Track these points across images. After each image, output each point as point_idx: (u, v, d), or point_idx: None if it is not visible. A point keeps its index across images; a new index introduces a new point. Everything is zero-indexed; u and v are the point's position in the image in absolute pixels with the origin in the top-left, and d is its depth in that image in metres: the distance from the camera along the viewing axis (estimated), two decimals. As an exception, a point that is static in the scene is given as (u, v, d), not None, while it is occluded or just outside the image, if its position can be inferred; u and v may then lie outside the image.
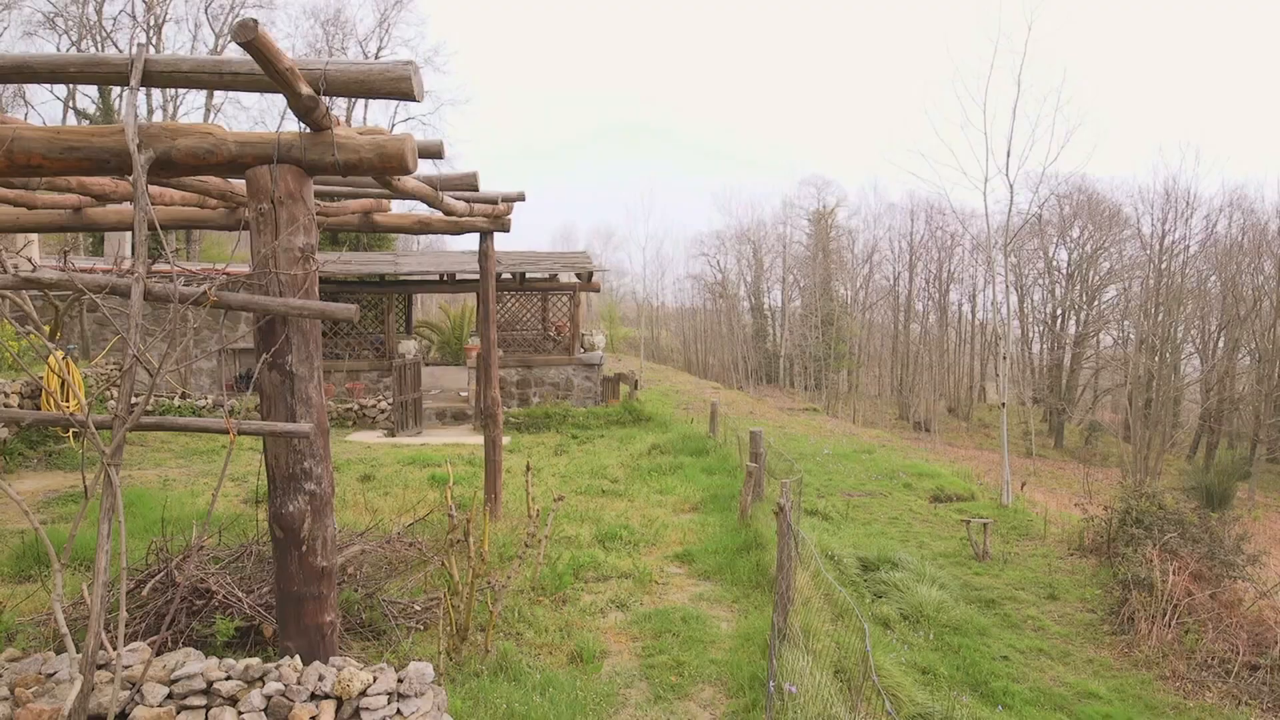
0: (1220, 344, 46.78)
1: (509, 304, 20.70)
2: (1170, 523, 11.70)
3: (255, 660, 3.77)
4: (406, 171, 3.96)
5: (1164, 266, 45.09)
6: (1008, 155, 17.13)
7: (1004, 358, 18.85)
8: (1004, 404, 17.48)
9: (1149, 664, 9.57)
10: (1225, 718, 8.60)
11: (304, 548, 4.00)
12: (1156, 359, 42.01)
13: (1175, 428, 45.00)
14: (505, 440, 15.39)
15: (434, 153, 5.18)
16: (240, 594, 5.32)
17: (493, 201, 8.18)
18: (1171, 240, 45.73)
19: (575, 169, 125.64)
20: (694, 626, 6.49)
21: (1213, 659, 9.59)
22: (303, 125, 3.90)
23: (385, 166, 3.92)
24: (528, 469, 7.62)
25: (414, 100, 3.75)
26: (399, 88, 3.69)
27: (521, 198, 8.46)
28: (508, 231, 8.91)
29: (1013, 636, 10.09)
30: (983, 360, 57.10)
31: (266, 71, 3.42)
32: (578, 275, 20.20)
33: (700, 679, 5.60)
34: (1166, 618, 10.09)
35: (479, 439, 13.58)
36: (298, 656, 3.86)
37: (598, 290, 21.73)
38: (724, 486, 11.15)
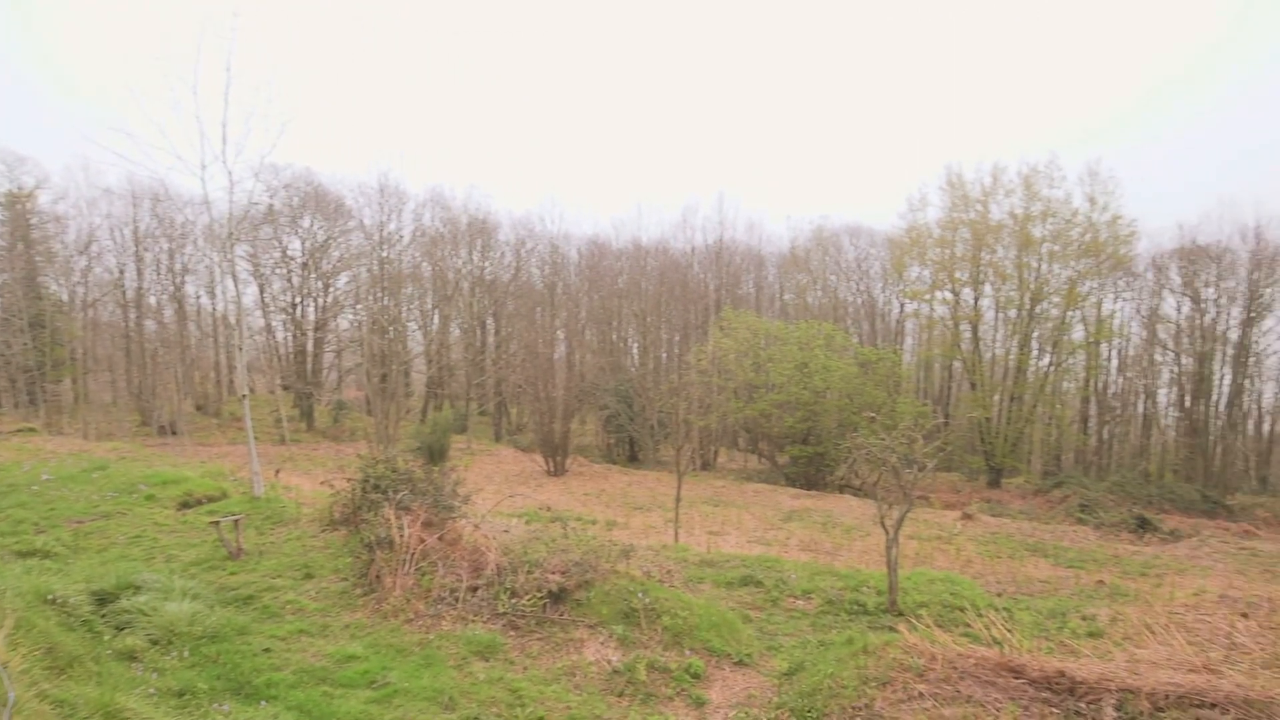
0: (436, 320, 55.19)
1: None
2: (402, 481, 13.16)
3: None
4: None
5: (385, 255, 50.65)
6: (224, 142, 16.60)
7: (240, 349, 18.52)
8: (245, 395, 17.16)
9: (396, 612, 10.68)
10: (458, 637, 10.18)
11: None
12: (387, 337, 46.87)
13: (409, 396, 51.42)
14: None
15: None
16: None
17: None
18: (389, 231, 51.65)
19: None
20: None
21: (445, 592, 11.20)
22: None
23: None
24: None
25: None
26: None
27: None
28: None
29: (274, 626, 10.11)
30: (229, 353, 55.45)
31: None
32: None
33: None
34: (406, 567, 11.36)
35: None
36: None
37: None
38: None
